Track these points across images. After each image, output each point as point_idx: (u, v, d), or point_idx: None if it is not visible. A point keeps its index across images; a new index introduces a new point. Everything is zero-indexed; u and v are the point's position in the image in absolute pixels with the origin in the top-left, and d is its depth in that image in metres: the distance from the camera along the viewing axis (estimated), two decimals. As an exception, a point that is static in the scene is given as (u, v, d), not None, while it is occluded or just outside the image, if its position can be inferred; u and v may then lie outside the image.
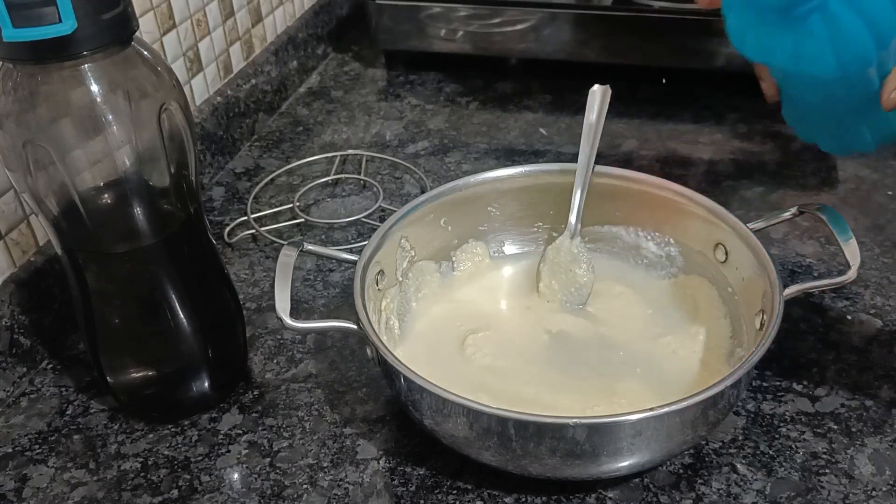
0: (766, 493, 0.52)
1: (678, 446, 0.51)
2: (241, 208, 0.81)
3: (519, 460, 0.49)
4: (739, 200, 0.78)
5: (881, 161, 0.83)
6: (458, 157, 0.87)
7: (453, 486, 0.53)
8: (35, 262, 0.64)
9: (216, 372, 0.59)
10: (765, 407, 0.58)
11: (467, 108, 0.97)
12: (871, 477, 0.53)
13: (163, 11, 0.77)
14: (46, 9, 0.42)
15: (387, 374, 0.53)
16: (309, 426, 0.58)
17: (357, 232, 0.77)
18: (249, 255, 0.75)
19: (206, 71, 0.86)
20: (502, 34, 0.99)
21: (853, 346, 0.62)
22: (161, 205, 0.52)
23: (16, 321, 0.62)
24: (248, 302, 0.69)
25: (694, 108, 0.93)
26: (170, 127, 0.49)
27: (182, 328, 0.55)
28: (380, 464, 0.55)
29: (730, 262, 0.60)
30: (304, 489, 0.54)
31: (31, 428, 0.59)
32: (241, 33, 0.92)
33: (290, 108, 0.99)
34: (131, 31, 0.47)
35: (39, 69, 0.45)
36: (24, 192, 0.50)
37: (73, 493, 0.54)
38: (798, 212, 0.59)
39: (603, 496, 0.52)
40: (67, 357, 0.65)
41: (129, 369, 0.57)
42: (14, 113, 0.46)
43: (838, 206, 0.76)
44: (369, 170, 0.86)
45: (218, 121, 0.86)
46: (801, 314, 0.65)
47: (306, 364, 0.63)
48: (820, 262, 0.70)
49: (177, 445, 0.57)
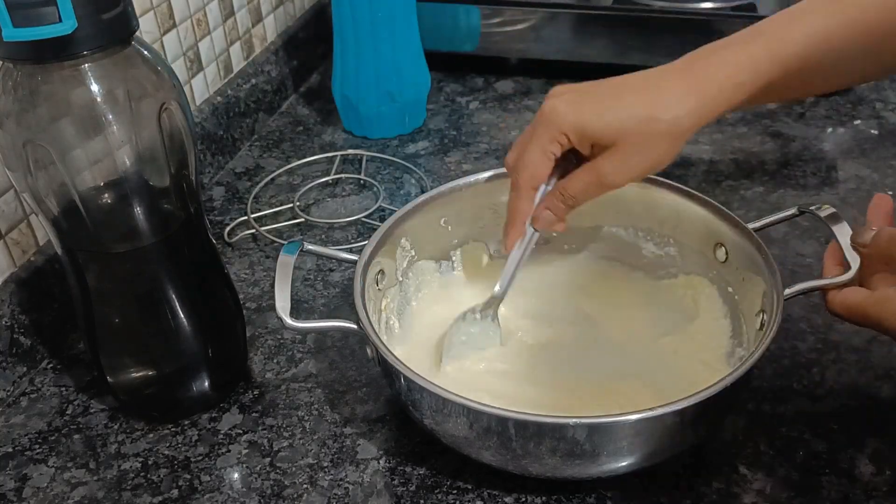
0: (766, 493, 0.52)
1: (678, 446, 0.51)
2: (241, 208, 0.81)
3: (519, 460, 0.49)
4: (739, 200, 0.78)
5: (881, 161, 0.83)
6: (458, 157, 0.87)
7: (453, 486, 0.53)
8: (35, 261, 0.64)
9: (216, 372, 0.59)
10: (765, 407, 0.58)
11: (467, 108, 0.97)
12: (871, 477, 0.53)
13: (163, 11, 0.77)
14: (46, 8, 0.42)
15: (387, 374, 0.53)
16: (309, 426, 0.58)
17: (357, 232, 0.77)
18: (249, 254, 0.75)
19: (207, 71, 0.86)
20: (502, 34, 0.99)
21: (853, 346, 0.62)
22: (161, 205, 0.52)
23: (16, 321, 0.62)
24: (248, 302, 0.69)
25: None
26: (170, 127, 0.49)
27: (182, 328, 0.55)
28: (380, 463, 0.55)
29: (730, 262, 0.60)
30: (304, 489, 0.54)
31: (32, 427, 0.59)
32: (241, 33, 0.92)
33: (290, 108, 0.99)
34: (131, 30, 0.47)
35: (39, 69, 0.45)
36: (24, 192, 0.50)
37: (73, 492, 0.54)
38: (798, 212, 0.59)
39: (603, 496, 0.52)
40: (67, 357, 0.65)
41: (129, 369, 0.57)
42: (14, 113, 0.46)
43: (838, 206, 0.76)
44: (369, 170, 0.86)
45: (218, 121, 0.86)
46: (801, 314, 0.65)
47: (306, 364, 0.63)
48: (820, 262, 0.70)
49: (177, 445, 0.57)
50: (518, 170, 0.55)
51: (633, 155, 0.52)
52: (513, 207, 0.56)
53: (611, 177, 0.53)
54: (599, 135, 0.52)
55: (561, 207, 0.55)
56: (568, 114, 0.52)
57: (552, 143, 0.53)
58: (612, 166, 0.53)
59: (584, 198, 0.55)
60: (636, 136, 0.52)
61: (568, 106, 0.53)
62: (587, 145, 0.53)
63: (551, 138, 0.53)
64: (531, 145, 0.54)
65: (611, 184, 0.53)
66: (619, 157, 0.52)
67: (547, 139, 0.53)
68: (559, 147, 0.53)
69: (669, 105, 0.52)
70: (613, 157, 0.52)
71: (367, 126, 0.91)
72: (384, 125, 0.91)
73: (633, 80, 0.54)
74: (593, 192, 0.54)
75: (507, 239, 0.57)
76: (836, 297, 0.52)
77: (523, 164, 0.55)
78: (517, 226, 0.56)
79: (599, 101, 0.53)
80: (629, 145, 0.52)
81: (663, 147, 0.53)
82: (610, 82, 0.54)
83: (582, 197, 0.55)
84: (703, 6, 0.94)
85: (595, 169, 0.53)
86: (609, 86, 0.54)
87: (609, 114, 0.52)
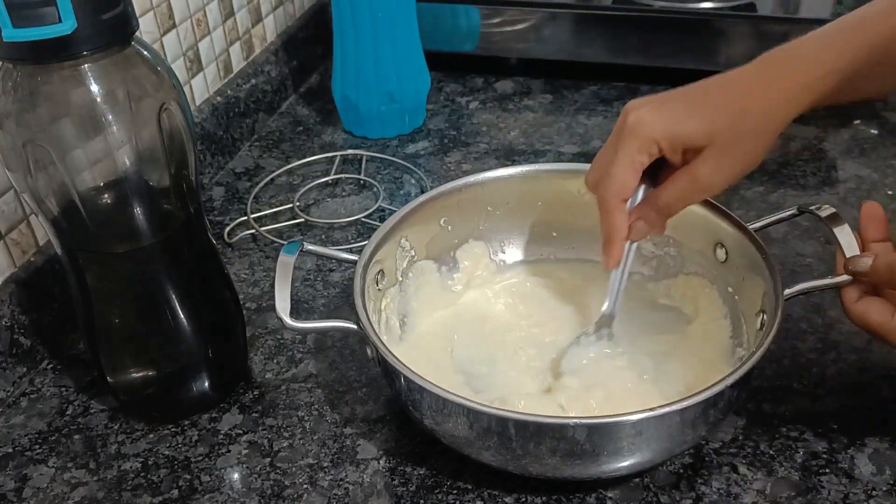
0: (767, 493, 0.52)
1: (678, 446, 0.51)
2: (241, 208, 0.81)
3: (519, 460, 0.49)
4: (739, 200, 0.78)
5: (881, 161, 0.83)
6: (458, 157, 0.87)
7: (453, 486, 0.53)
8: (35, 262, 0.64)
9: (216, 372, 0.59)
10: (765, 407, 0.58)
11: (467, 108, 0.97)
12: (871, 476, 0.53)
13: (163, 11, 0.77)
14: (46, 9, 0.42)
15: (387, 374, 0.53)
16: (309, 426, 0.58)
17: (357, 232, 0.77)
18: (249, 255, 0.75)
19: (206, 71, 0.86)
20: (502, 34, 0.99)
21: (853, 346, 0.62)
22: (161, 205, 0.52)
23: (16, 321, 0.62)
24: (248, 302, 0.69)
25: (694, 108, 0.93)
26: (170, 127, 0.49)
27: (182, 328, 0.55)
28: (380, 464, 0.55)
29: (730, 262, 0.60)
30: (305, 489, 0.54)
31: (32, 428, 0.59)
32: (241, 33, 0.92)
33: (290, 108, 0.99)
34: (131, 31, 0.47)
35: (39, 69, 0.45)
36: (24, 192, 0.50)
37: (73, 493, 0.54)
38: (798, 212, 0.59)
39: (603, 496, 0.52)
40: (67, 357, 0.65)
41: (129, 369, 0.57)
42: (14, 113, 0.46)
43: (838, 205, 0.75)
44: (369, 170, 0.86)
45: (218, 121, 0.86)
46: (801, 314, 0.65)
47: (306, 364, 0.63)
48: (820, 262, 0.70)
49: (177, 445, 0.57)
50: (605, 185, 0.53)
51: (728, 154, 0.51)
52: (608, 225, 0.54)
53: (707, 179, 0.51)
54: (692, 137, 0.51)
55: (655, 217, 0.54)
56: (656, 122, 0.51)
57: (640, 153, 0.52)
58: (707, 168, 0.51)
59: (680, 206, 0.54)
60: (729, 133, 0.50)
61: (654, 114, 0.51)
62: (678, 151, 0.52)
63: (640, 148, 0.51)
64: (618, 158, 0.52)
65: (708, 187, 0.52)
66: (714, 158, 0.51)
67: (635, 149, 0.51)
68: (648, 157, 0.52)
69: (759, 100, 0.51)
70: (708, 159, 0.51)
71: (367, 126, 0.91)
72: (384, 125, 0.91)
73: (714, 81, 0.53)
74: (690, 199, 0.53)
75: (609, 259, 0.55)
76: (856, 308, 0.52)
77: (610, 179, 0.52)
78: (616, 243, 0.54)
79: (685, 105, 0.52)
80: (723, 145, 0.51)
81: (757, 143, 0.51)
82: (688, 88, 0.53)
83: (678, 205, 0.53)
84: (702, 6, 0.94)
85: (691, 173, 0.52)
86: (689, 91, 0.53)
87: (698, 115, 0.51)
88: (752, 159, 0.52)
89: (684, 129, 0.51)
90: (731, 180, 0.52)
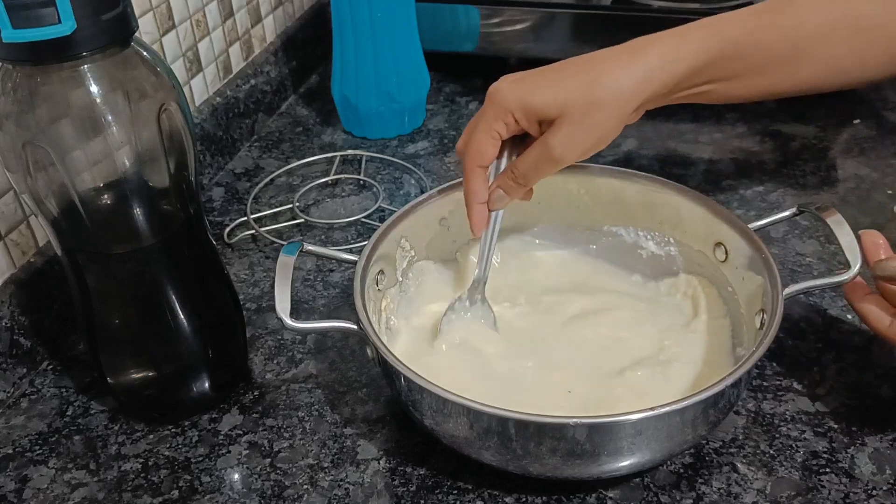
0: (767, 493, 0.52)
1: (678, 446, 0.51)
2: (241, 208, 0.81)
3: (519, 460, 0.49)
4: (739, 200, 0.78)
5: (881, 160, 0.83)
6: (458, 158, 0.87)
7: (453, 486, 0.53)
8: (35, 262, 0.64)
9: (216, 372, 0.59)
10: (765, 406, 0.58)
11: (467, 108, 0.97)
12: (871, 476, 0.53)
13: (162, 12, 0.77)
14: (46, 9, 0.42)
15: (387, 374, 0.53)
16: (309, 426, 0.58)
17: (357, 232, 0.77)
18: (249, 255, 0.75)
19: (206, 71, 0.86)
20: (502, 34, 0.99)
21: (853, 345, 0.62)
22: (161, 205, 0.52)
23: (16, 322, 0.62)
24: (248, 302, 0.69)
25: (693, 108, 0.93)
26: (169, 127, 0.49)
27: (182, 328, 0.55)
28: (380, 464, 0.55)
29: (730, 261, 0.60)
30: (305, 489, 0.54)
31: (32, 429, 0.59)
32: (240, 33, 0.92)
33: (290, 108, 0.99)
34: (131, 31, 0.47)
35: (39, 70, 0.45)
36: (23, 193, 0.50)
37: (73, 493, 0.54)
38: (798, 211, 0.59)
39: (603, 496, 0.53)
40: (67, 358, 0.65)
41: (129, 370, 0.57)
42: (14, 113, 0.46)
43: (838, 205, 0.76)
44: (369, 170, 0.86)
45: (218, 121, 0.86)
46: (801, 314, 0.65)
47: (306, 364, 0.63)
48: (820, 262, 0.70)
49: (177, 446, 0.57)
50: (467, 152, 0.57)
51: (580, 125, 0.53)
52: (466, 190, 0.58)
53: (559, 149, 0.54)
54: (543, 108, 0.53)
55: (512, 185, 0.57)
56: (510, 92, 0.54)
57: (497, 121, 0.55)
58: (558, 139, 0.53)
59: (534, 175, 0.56)
60: (581, 104, 0.52)
61: (511, 85, 0.55)
62: (535, 122, 0.54)
63: (495, 117, 0.54)
64: (478, 127, 0.56)
65: (559, 158, 0.54)
66: (566, 129, 0.53)
67: (492, 118, 0.55)
68: (504, 126, 0.55)
69: (613, 73, 0.53)
70: (559, 129, 0.53)
71: (367, 126, 0.91)
72: (384, 125, 0.91)
73: (578, 58, 0.55)
74: (543, 168, 0.55)
75: (472, 224, 0.58)
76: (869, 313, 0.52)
77: (470, 146, 0.56)
78: (473, 206, 0.58)
79: (542, 78, 0.55)
80: (574, 115, 0.53)
81: (609, 115, 0.53)
82: (554, 64, 0.56)
83: (532, 174, 0.56)
84: (701, 6, 0.94)
85: (544, 143, 0.54)
86: (553, 66, 0.56)
87: (552, 87, 0.53)
88: (605, 132, 0.54)
89: (537, 100, 0.53)
90: (584, 152, 0.55)
